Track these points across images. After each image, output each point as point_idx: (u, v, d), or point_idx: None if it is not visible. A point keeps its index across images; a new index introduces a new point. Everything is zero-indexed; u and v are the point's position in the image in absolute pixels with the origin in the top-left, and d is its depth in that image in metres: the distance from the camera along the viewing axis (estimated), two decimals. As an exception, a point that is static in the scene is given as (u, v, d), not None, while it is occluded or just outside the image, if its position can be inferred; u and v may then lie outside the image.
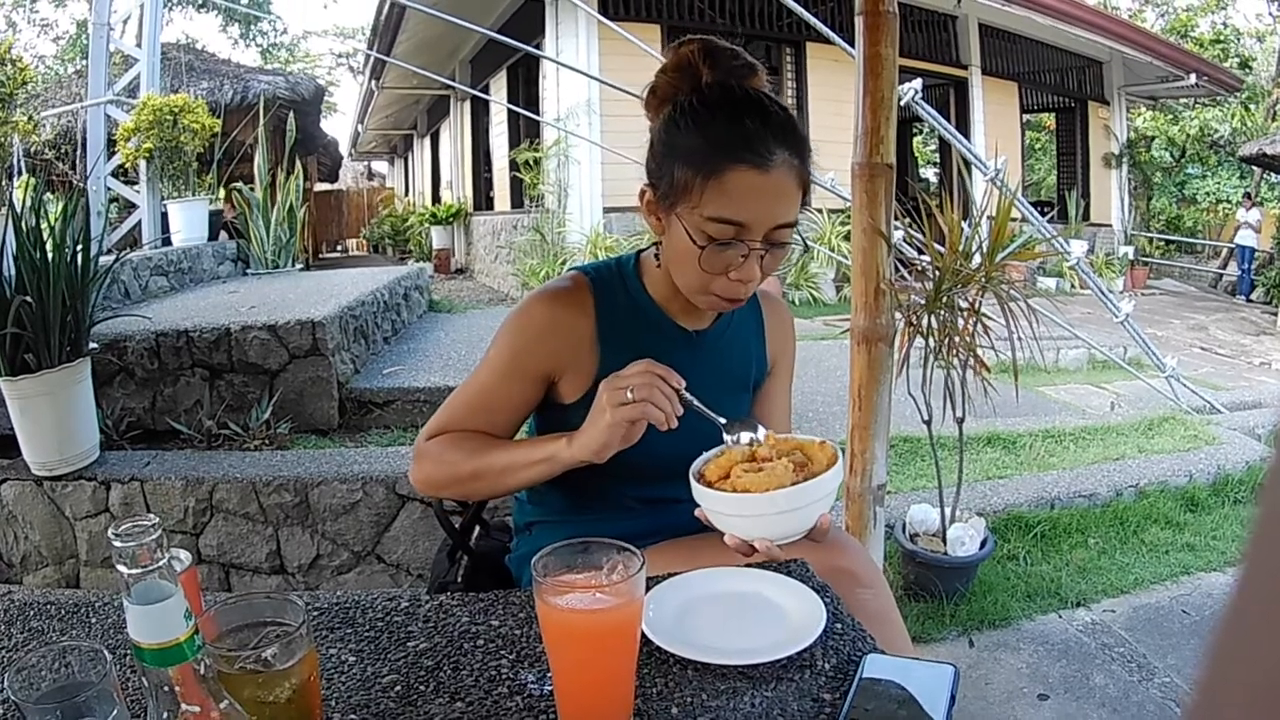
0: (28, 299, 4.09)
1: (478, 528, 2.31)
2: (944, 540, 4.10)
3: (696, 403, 1.60)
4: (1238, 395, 8.05)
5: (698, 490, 1.61)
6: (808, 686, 1.30)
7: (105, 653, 1.05)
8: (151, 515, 0.91)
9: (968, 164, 8.28)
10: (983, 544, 4.11)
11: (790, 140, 1.72)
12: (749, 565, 1.65)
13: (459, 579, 2.18)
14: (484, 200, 18.61)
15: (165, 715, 0.91)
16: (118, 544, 0.89)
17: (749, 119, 1.69)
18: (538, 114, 13.05)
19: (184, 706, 0.91)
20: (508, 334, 1.86)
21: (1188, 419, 6.50)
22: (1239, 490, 5.31)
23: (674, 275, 1.81)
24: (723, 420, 1.69)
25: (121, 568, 0.89)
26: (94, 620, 1.59)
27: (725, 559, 1.68)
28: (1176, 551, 4.60)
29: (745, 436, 1.70)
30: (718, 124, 1.70)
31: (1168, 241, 22.66)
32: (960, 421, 4.06)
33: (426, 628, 1.51)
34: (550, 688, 1.28)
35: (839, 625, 1.46)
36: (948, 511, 4.18)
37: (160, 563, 0.90)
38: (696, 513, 1.64)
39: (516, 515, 2.14)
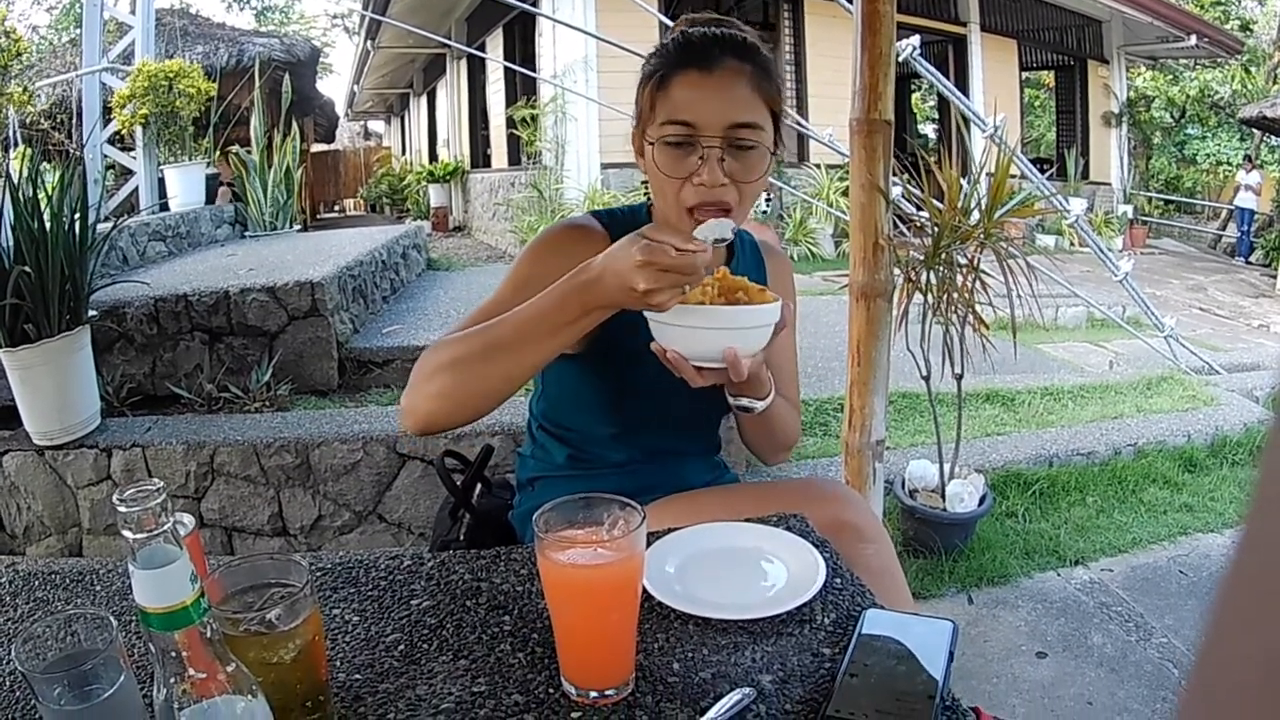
0: (26, 269, 4.09)
1: (479, 485, 2.31)
2: (943, 496, 4.12)
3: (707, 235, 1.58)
4: (1236, 357, 8.05)
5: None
6: (808, 641, 1.32)
7: (111, 619, 1.05)
8: (156, 480, 0.91)
9: (966, 121, 8.26)
10: (981, 500, 4.12)
11: (739, 51, 1.77)
12: (749, 520, 1.67)
13: (461, 537, 2.18)
14: (481, 158, 18.55)
15: (172, 680, 0.91)
16: (122, 509, 0.89)
17: (696, 37, 1.78)
18: (534, 71, 12.98)
19: (190, 671, 0.91)
20: (528, 257, 1.87)
21: (1186, 379, 6.51)
22: (1237, 452, 5.32)
23: (656, 202, 1.86)
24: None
25: (126, 533, 0.89)
26: (99, 588, 1.60)
27: (725, 515, 1.69)
28: (1174, 512, 4.61)
29: (711, 228, 1.63)
30: (670, 47, 1.80)
31: (1167, 201, 22.58)
32: (959, 378, 4.07)
33: (429, 586, 1.52)
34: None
35: (838, 580, 1.48)
36: (947, 467, 4.20)
37: (165, 527, 0.91)
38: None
39: (519, 471, 2.16)
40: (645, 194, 1.95)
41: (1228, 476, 5.03)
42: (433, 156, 23.10)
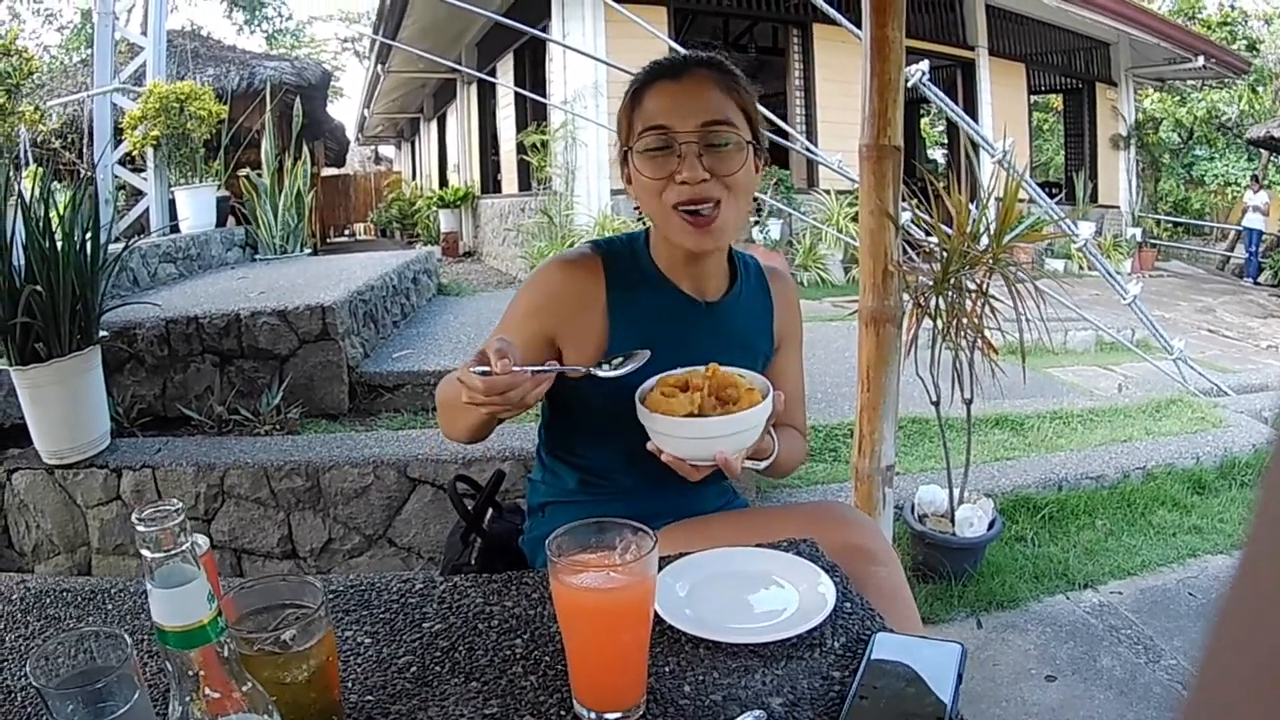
0: (38, 288, 4.10)
1: (491, 510, 2.33)
2: (952, 521, 4.12)
3: (610, 372, 1.64)
4: (1245, 378, 8.05)
5: (639, 408, 1.68)
6: (817, 665, 1.32)
7: (126, 637, 1.06)
8: (174, 500, 0.92)
9: (975, 146, 8.28)
10: (991, 525, 4.12)
11: (705, 61, 1.89)
12: (759, 545, 1.68)
13: (472, 561, 2.20)
14: (491, 183, 18.59)
15: (188, 698, 0.92)
16: (141, 528, 0.90)
17: (664, 59, 1.91)
18: (545, 97, 13.02)
19: (206, 689, 0.92)
20: (524, 294, 1.95)
21: (1195, 401, 6.51)
22: (1246, 473, 5.31)
23: (645, 213, 1.92)
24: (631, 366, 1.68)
25: (145, 551, 0.90)
26: (110, 606, 1.60)
27: (736, 539, 1.71)
28: (1183, 534, 4.60)
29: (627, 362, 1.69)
30: (642, 72, 1.93)
31: (1175, 223, 22.58)
32: (968, 403, 4.07)
33: (441, 609, 1.53)
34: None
35: (848, 604, 1.48)
36: (956, 492, 4.19)
37: (183, 546, 0.91)
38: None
39: (530, 496, 2.17)
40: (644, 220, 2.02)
41: (1237, 498, 5.01)
42: (443, 181, 23.14)
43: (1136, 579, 4.20)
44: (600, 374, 1.65)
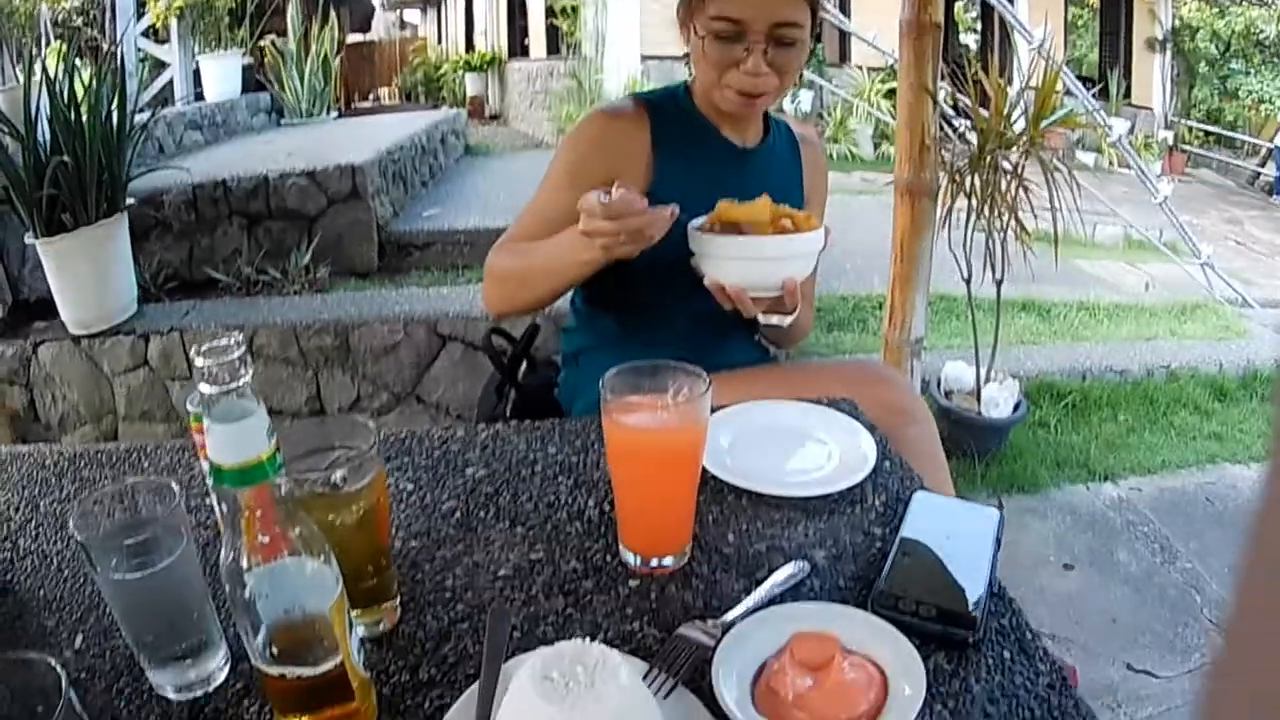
0: (64, 159, 4.10)
1: (524, 363, 2.35)
2: (978, 399, 4.13)
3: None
4: (1270, 293, 7.94)
5: (690, 234, 1.68)
6: (859, 520, 1.34)
7: (174, 486, 1.05)
8: (235, 333, 0.91)
9: (1009, 32, 8.13)
10: (1016, 407, 4.14)
11: None
12: (800, 399, 1.70)
13: (507, 414, 2.23)
14: (519, 47, 18.32)
15: (239, 543, 0.89)
16: (200, 362, 0.87)
17: None
18: (576, -41, 12.81)
19: (260, 531, 0.89)
20: (566, 148, 1.94)
21: (1220, 308, 6.48)
22: (1267, 386, 5.27)
23: (698, 77, 1.94)
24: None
25: (204, 387, 0.88)
26: (146, 465, 1.60)
27: (774, 393, 1.73)
28: (1204, 439, 4.60)
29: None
30: None
31: (1207, 133, 22.17)
32: (999, 283, 4.05)
33: (484, 456, 1.54)
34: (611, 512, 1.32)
35: (887, 463, 1.49)
36: (983, 371, 4.20)
37: (243, 379, 0.90)
38: (692, 261, 1.70)
39: (564, 345, 2.18)
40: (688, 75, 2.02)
41: (1257, 410, 4.99)
42: (469, 47, 22.82)
43: (1156, 477, 4.21)
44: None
